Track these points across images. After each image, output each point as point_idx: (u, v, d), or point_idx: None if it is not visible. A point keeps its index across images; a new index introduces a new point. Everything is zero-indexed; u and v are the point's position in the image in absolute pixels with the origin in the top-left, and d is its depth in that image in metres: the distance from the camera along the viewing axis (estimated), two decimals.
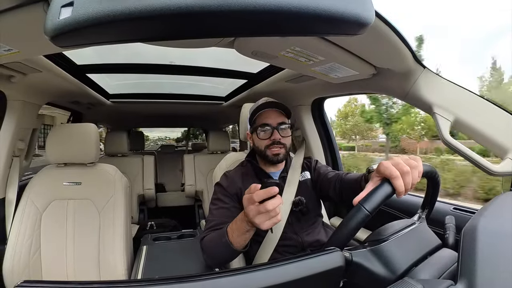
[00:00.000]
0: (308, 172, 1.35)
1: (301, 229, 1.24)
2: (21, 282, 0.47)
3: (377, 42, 0.87)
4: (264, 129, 1.21)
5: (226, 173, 1.32)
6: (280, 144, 1.21)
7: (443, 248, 0.82)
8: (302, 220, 1.25)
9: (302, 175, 1.33)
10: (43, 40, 0.48)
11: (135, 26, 0.41)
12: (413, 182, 0.71)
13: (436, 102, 1.02)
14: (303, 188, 1.29)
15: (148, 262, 1.37)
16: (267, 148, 1.21)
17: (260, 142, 1.23)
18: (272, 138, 1.20)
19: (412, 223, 0.84)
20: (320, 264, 0.61)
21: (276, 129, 1.20)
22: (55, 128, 1.49)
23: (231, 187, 1.23)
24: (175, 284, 0.51)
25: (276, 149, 1.21)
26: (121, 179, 1.54)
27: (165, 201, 3.41)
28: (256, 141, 1.25)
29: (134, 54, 1.73)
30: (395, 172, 0.70)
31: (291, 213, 1.22)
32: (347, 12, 0.43)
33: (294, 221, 1.23)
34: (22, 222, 1.36)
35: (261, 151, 1.24)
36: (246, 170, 1.31)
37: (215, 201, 1.23)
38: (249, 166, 1.32)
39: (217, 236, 1.04)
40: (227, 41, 0.97)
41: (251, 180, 1.26)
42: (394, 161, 0.74)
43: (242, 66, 1.87)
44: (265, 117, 1.22)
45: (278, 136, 1.20)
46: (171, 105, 2.81)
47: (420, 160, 0.76)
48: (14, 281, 1.29)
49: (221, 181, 1.28)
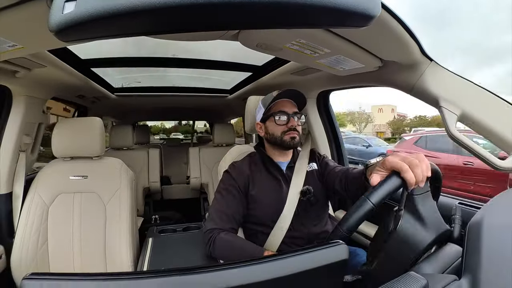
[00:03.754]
0: (315, 163, 1.36)
1: (308, 220, 1.25)
2: (29, 275, 0.48)
3: (383, 34, 0.85)
4: (281, 115, 1.24)
5: (234, 163, 1.35)
6: (296, 130, 1.25)
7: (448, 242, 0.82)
8: (309, 211, 1.26)
9: (310, 166, 1.34)
10: (47, 35, 0.48)
11: (138, 19, 0.41)
12: (424, 174, 0.71)
13: (443, 96, 1.00)
14: (311, 178, 1.30)
15: (154, 254, 1.38)
16: (284, 134, 1.24)
17: (276, 128, 1.25)
18: (290, 124, 1.24)
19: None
20: (324, 257, 0.61)
21: (292, 117, 1.24)
22: (61, 123, 1.50)
23: (240, 178, 1.26)
24: (181, 276, 0.51)
25: (293, 134, 1.24)
26: (127, 172, 1.56)
27: (170, 194, 3.43)
28: (271, 128, 1.27)
29: (138, 47, 1.73)
30: (405, 166, 0.69)
31: (298, 203, 1.23)
32: (353, 4, 0.43)
33: (302, 212, 1.24)
34: (29, 216, 1.38)
35: (276, 137, 1.26)
36: (254, 159, 1.34)
37: (224, 191, 1.25)
38: (257, 155, 1.35)
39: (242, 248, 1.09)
40: (231, 34, 0.96)
41: (259, 169, 1.29)
42: (400, 155, 0.73)
43: (247, 58, 1.85)
44: (282, 105, 1.26)
45: (295, 123, 1.25)
46: (176, 98, 2.81)
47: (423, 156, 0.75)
48: (22, 273, 1.31)
49: (230, 169, 1.31)
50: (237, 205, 1.22)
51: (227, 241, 1.12)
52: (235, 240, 1.13)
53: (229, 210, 1.20)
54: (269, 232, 1.21)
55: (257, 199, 1.24)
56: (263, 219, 1.24)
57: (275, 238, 1.20)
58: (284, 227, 1.20)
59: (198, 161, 3.00)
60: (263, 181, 1.28)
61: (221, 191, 1.26)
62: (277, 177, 1.29)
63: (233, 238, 1.14)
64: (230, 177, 1.27)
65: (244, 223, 1.28)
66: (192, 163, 3.01)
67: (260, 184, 1.26)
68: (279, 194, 1.25)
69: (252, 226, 1.27)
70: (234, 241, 1.13)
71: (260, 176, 1.28)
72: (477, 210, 0.80)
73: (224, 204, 1.21)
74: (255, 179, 1.27)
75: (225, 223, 1.17)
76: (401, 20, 0.80)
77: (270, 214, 1.23)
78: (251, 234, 1.28)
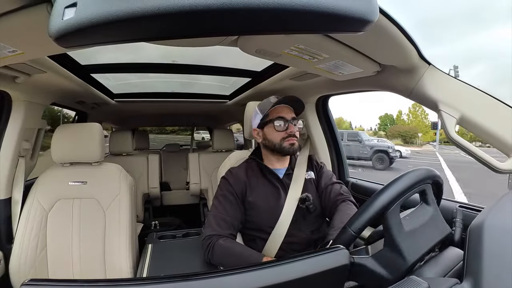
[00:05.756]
0: (312, 172, 1.36)
1: (306, 226, 1.25)
2: (27, 281, 0.47)
3: (381, 39, 0.86)
4: (280, 122, 1.24)
5: (231, 169, 1.34)
6: (295, 136, 1.25)
7: (449, 246, 0.82)
8: (307, 218, 1.25)
9: (308, 174, 1.33)
10: (47, 41, 0.49)
11: (138, 25, 0.41)
12: None
13: (442, 99, 1.01)
14: (309, 186, 1.30)
15: (154, 261, 1.37)
16: (284, 140, 1.24)
17: (275, 134, 1.25)
18: (289, 130, 1.24)
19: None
20: (325, 262, 0.61)
21: (291, 123, 1.24)
22: (60, 128, 1.49)
23: (236, 184, 1.26)
24: (181, 282, 0.51)
25: (292, 140, 1.24)
26: (126, 178, 1.55)
27: (170, 200, 3.42)
28: (270, 134, 1.27)
29: (138, 53, 1.73)
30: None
31: (296, 210, 1.22)
32: (351, 9, 0.43)
33: (299, 218, 1.23)
34: (28, 222, 1.37)
35: (275, 144, 1.25)
36: (251, 165, 1.34)
37: (221, 197, 1.25)
38: (254, 163, 1.34)
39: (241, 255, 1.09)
40: (230, 40, 0.97)
41: (255, 175, 1.29)
42: None
43: (246, 64, 1.86)
44: (280, 111, 1.26)
45: (294, 129, 1.24)
46: (175, 104, 2.81)
47: None
48: (21, 279, 1.29)
49: (227, 176, 1.30)
50: (235, 211, 1.22)
51: (225, 247, 1.11)
52: (233, 246, 1.13)
53: (227, 216, 1.19)
54: (267, 238, 1.21)
55: (254, 205, 1.24)
56: (261, 225, 1.24)
57: (273, 244, 1.20)
58: (282, 233, 1.20)
59: (197, 166, 3.00)
60: (260, 187, 1.27)
61: (218, 197, 1.26)
62: (275, 184, 1.28)
63: (231, 244, 1.13)
64: (228, 183, 1.27)
65: (242, 229, 1.28)
66: (191, 168, 3.00)
67: (257, 191, 1.26)
68: (277, 200, 1.25)
69: (251, 232, 1.27)
70: (233, 247, 1.12)
71: (256, 182, 1.28)
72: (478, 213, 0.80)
73: (222, 210, 1.21)
74: (252, 185, 1.27)
75: (224, 229, 1.17)
76: (398, 25, 0.81)
77: (267, 220, 1.22)
78: (250, 240, 1.27)
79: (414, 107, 44.84)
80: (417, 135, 39.64)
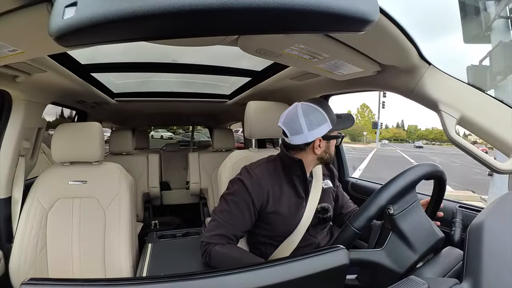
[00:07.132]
0: (329, 181, 1.35)
1: (319, 234, 1.24)
2: (27, 280, 0.47)
3: (381, 39, 0.86)
4: (339, 139, 1.27)
5: (250, 170, 1.19)
6: None
7: (449, 246, 0.82)
8: (323, 226, 1.26)
9: (325, 183, 1.31)
10: (47, 40, 0.48)
11: (138, 25, 0.41)
12: None
13: (442, 99, 1.00)
14: (326, 195, 1.28)
15: (154, 260, 1.37)
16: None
17: (332, 148, 1.23)
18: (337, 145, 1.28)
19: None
20: (325, 262, 0.61)
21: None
22: (61, 127, 1.49)
23: (257, 194, 1.14)
24: (181, 281, 0.51)
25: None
26: (126, 177, 1.55)
27: (170, 199, 3.43)
28: (330, 147, 1.22)
29: (138, 52, 1.73)
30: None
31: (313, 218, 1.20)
32: (351, 9, 0.43)
33: (313, 226, 1.22)
34: (28, 221, 1.37)
35: (331, 157, 1.23)
36: (276, 169, 1.22)
37: (232, 203, 1.14)
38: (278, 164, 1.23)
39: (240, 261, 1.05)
40: (231, 39, 0.97)
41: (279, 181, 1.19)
42: None
43: (246, 64, 1.86)
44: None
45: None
46: (175, 103, 2.81)
47: None
48: (21, 278, 1.29)
49: (244, 178, 1.16)
50: (242, 221, 1.13)
51: (222, 253, 1.06)
52: (231, 251, 1.08)
53: (231, 227, 1.11)
54: (278, 245, 1.18)
55: (272, 216, 1.16)
56: (275, 234, 1.19)
57: (284, 251, 1.16)
58: (296, 240, 1.17)
59: (197, 166, 3.00)
60: (284, 197, 1.18)
61: (228, 201, 1.14)
62: (301, 195, 1.21)
63: (229, 250, 1.08)
64: (245, 189, 1.13)
65: (251, 232, 1.23)
66: (191, 168, 3.01)
67: (280, 202, 1.17)
68: (297, 210, 1.19)
69: (261, 238, 1.21)
70: (230, 252, 1.07)
71: (280, 192, 1.17)
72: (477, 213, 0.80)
73: (228, 218, 1.12)
74: (275, 196, 1.16)
75: (222, 240, 1.10)
76: (399, 25, 0.81)
77: (283, 230, 1.18)
78: (259, 243, 1.23)
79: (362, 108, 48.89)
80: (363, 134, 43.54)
